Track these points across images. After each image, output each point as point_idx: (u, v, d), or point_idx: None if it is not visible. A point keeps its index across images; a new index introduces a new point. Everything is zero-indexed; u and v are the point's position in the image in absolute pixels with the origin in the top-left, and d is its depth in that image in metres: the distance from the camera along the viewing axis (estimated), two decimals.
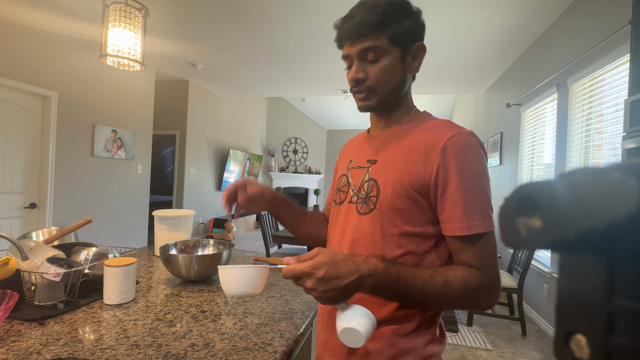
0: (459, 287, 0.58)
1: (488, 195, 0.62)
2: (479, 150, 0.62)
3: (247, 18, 3.17)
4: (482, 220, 0.60)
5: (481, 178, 0.61)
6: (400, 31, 0.63)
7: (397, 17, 0.63)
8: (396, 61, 0.65)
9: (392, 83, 0.66)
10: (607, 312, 0.16)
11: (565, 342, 0.18)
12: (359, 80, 0.65)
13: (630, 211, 0.14)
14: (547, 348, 2.51)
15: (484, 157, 0.63)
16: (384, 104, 0.69)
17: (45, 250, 1.01)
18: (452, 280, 0.59)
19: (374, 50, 0.64)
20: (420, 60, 0.68)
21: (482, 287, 0.60)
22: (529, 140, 3.38)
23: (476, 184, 0.60)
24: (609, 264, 0.16)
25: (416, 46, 0.66)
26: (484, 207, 0.60)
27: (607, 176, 0.15)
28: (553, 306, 0.26)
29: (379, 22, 0.62)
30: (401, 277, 0.57)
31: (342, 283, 0.54)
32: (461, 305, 0.63)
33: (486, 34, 3.26)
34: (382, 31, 0.63)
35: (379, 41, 0.63)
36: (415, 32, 0.66)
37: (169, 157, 6.90)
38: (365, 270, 0.56)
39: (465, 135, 0.62)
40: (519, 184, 0.18)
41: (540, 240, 0.17)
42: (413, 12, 0.66)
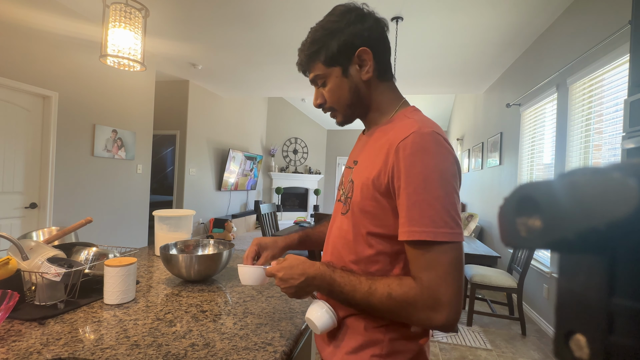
0: (383, 297, 0.58)
1: (442, 200, 0.56)
2: (436, 151, 0.58)
3: (247, 18, 3.17)
4: (424, 227, 0.55)
5: (433, 181, 0.56)
6: (331, 52, 0.67)
7: (324, 42, 0.67)
8: (339, 79, 0.69)
9: (344, 98, 0.70)
10: (607, 312, 0.16)
11: (565, 342, 0.18)
12: (319, 105, 0.74)
13: (630, 211, 0.14)
14: (547, 348, 2.52)
15: (445, 158, 0.58)
16: (349, 117, 0.74)
17: (45, 250, 1.01)
18: (377, 289, 0.59)
19: (318, 78, 0.71)
20: (369, 63, 0.68)
21: (413, 300, 0.57)
22: (529, 140, 3.38)
23: (424, 187, 0.56)
24: (609, 264, 0.16)
25: (358, 54, 0.67)
26: (434, 212, 0.55)
27: (607, 176, 0.15)
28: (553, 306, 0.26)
29: (309, 56, 0.70)
30: (335, 282, 0.63)
31: (295, 283, 0.66)
32: (395, 317, 0.60)
33: (486, 34, 3.26)
34: (315, 61, 0.70)
35: (317, 69, 0.70)
36: (352, 43, 0.67)
37: (169, 157, 6.91)
38: (311, 273, 0.65)
39: (420, 135, 0.59)
40: (519, 184, 0.18)
41: (540, 240, 0.17)
42: (343, 26, 0.67)
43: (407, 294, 0.57)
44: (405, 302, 0.57)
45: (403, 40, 3.45)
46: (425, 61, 4.06)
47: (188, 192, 5.46)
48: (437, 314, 0.55)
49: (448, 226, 0.55)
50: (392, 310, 0.59)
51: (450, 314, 0.55)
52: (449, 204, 0.56)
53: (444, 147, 0.59)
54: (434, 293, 0.55)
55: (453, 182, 0.57)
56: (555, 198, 0.16)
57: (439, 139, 0.59)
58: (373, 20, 0.68)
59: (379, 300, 0.59)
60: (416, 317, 0.57)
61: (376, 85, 0.71)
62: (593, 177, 0.15)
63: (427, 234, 0.55)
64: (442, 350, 2.42)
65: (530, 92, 3.31)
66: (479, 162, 4.96)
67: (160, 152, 6.87)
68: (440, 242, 0.55)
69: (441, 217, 0.55)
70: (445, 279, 0.55)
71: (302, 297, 0.69)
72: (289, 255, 0.70)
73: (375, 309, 0.60)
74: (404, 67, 4.25)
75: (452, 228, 0.55)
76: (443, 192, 0.56)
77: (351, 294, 0.61)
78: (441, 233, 0.55)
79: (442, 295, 0.55)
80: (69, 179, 3.22)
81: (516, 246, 0.18)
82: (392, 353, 0.63)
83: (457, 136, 6.81)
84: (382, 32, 0.69)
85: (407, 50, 3.72)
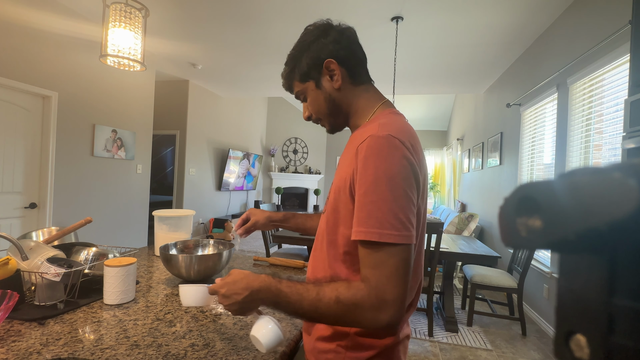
0: (331, 302, 0.59)
1: (390, 202, 0.57)
2: (388, 154, 0.59)
3: (247, 18, 3.17)
4: (370, 228, 0.57)
5: (381, 184, 0.57)
6: (303, 69, 0.74)
7: (296, 61, 0.75)
8: (314, 91, 0.75)
9: (322, 108, 0.76)
10: (607, 312, 0.16)
11: (565, 342, 0.18)
12: (307, 117, 0.79)
13: (630, 211, 0.14)
14: (547, 348, 2.52)
15: (397, 161, 0.58)
16: (334, 125, 0.79)
17: (45, 250, 1.01)
18: (325, 294, 0.59)
19: (299, 94, 0.78)
20: (337, 72, 0.72)
21: (360, 301, 0.57)
22: (529, 140, 3.38)
23: (374, 190, 0.58)
24: (609, 264, 0.16)
25: (325, 65, 0.71)
26: (380, 214, 0.57)
27: (607, 176, 0.15)
28: (553, 306, 0.26)
29: (286, 76, 0.78)
30: (281, 292, 0.62)
31: (239, 298, 0.64)
32: (343, 321, 0.60)
33: (486, 34, 3.26)
34: (292, 79, 0.77)
35: (296, 86, 0.77)
36: (318, 57, 0.71)
37: (169, 157, 6.91)
38: (255, 286, 0.64)
39: (375, 139, 0.60)
40: (519, 184, 0.18)
41: (540, 240, 0.17)
42: (309, 43, 0.73)
43: (355, 296, 0.58)
44: (353, 305, 0.58)
45: (403, 40, 3.45)
46: (425, 61, 4.06)
47: (188, 192, 5.46)
48: (381, 314, 0.56)
49: (394, 228, 0.56)
50: (340, 315, 0.59)
51: (394, 314, 0.56)
52: (397, 206, 0.57)
53: (398, 151, 0.59)
54: (380, 293, 0.57)
55: (404, 185, 0.58)
56: (555, 198, 0.16)
57: (393, 143, 0.59)
58: (336, 32, 0.72)
59: (327, 305, 0.59)
60: (363, 318, 0.58)
61: (351, 91, 0.74)
62: (593, 177, 0.15)
63: (372, 234, 0.57)
64: (442, 350, 2.42)
65: (531, 92, 3.31)
66: (479, 162, 4.96)
67: (160, 152, 6.87)
68: (386, 243, 0.56)
69: (387, 219, 0.57)
70: (391, 280, 0.57)
71: (247, 313, 0.67)
72: (233, 270, 0.69)
73: (323, 315, 0.60)
74: (404, 67, 4.25)
75: (398, 230, 0.57)
76: (391, 195, 0.57)
77: (299, 304, 0.60)
78: (386, 234, 0.56)
79: (388, 295, 0.56)
80: (69, 179, 3.22)
81: (516, 246, 0.18)
82: (356, 346, 0.65)
83: (457, 136, 6.81)
84: (347, 42, 0.73)
85: (407, 50, 3.72)
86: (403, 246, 0.57)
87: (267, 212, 1.03)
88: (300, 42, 0.75)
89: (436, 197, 8.10)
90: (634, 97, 1.33)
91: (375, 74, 4.55)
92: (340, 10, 2.94)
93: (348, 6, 2.88)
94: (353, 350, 0.65)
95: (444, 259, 2.79)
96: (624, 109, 1.40)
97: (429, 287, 2.63)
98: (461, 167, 6.29)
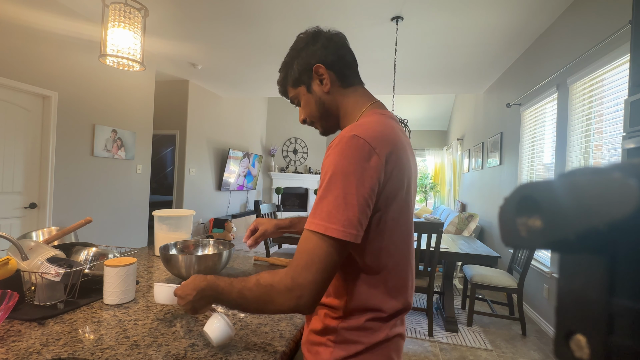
0: (252, 285, 0.64)
1: (336, 198, 0.59)
2: (348, 153, 0.60)
3: (247, 18, 3.17)
4: (311, 218, 0.60)
5: (337, 180, 0.59)
6: (294, 76, 0.77)
7: (288, 69, 0.79)
8: (306, 96, 0.78)
9: (314, 111, 0.79)
10: (607, 312, 0.16)
11: (565, 342, 0.18)
12: (303, 121, 0.82)
13: (630, 211, 0.14)
14: (547, 348, 2.52)
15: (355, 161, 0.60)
16: (327, 128, 0.82)
17: (45, 250, 1.01)
18: (249, 281, 0.65)
19: (294, 99, 0.81)
20: (326, 76, 0.75)
21: (276, 282, 0.61)
22: (529, 140, 3.38)
23: (328, 185, 0.60)
24: (609, 264, 0.16)
25: (314, 70, 0.75)
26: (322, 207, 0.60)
27: (607, 176, 0.15)
28: (553, 306, 0.26)
29: (281, 83, 0.82)
30: (219, 287, 0.68)
31: (190, 298, 0.71)
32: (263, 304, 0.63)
33: (486, 34, 3.26)
34: (286, 85, 0.81)
35: (289, 92, 0.81)
36: (308, 63, 0.75)
37: (169, 157, 6.90)
38: (202, 286, 0.70)
39: (340, 138, 0.62)
40: (519, 184, 0.18)
41: (540, 240, 0.17)
42: (299, 50, 0.76)
43: (273, 278, 0.62)
44: (270, 285, 0.61)
45: (403, 40, 3.45)
46: (425, 61, 4.06)
47: (188, 192, 5.46)
48: (292, 296, 0.59)
49: (329, 221, 0.59)
50: (258, 297, 0.62)
51: (305, 298, 0.59)
52: (343, 202, 0.59)
53: (357, 151, 0.60)
54: (295, 275, 0.59)
55: (357, 184, 0.59)
56: (555, 198, 0.16)
57: (355, 143, 0.61)
58: (325, 38, 0.76)
59: (249, 289, 0.63)
60: (277, 300, 0.60)
61: (340, 94, 0.77)
62: (593, 177, 0.15)
63: (315, 225, 0.60)
64: (442, 350, 2.42)
65: (531, 92, 3.31)
66: (479, 162, 4.96)
67: (160, 152, 6.87)
68: (319, 233, 0.59)
69: (330, 212, 0.59)
70: (310, 266, 0.59)
71: (199, 311, 0.73)
72: (193, 275, 0.75)
73: (248, 300, 0.64)
74: (404, 67, 4.25)
75: (332, 223, 0.58)
76: (342, 193, 0.59)
77: (231, 294, 0.66)
78: (322, 226, 0.59)
79: (302, 279, 0.59)
80: (69, 179, 3.22)
81: (516, 246, 0.18)
82: (344, 341, 0.67)
83: (457, 136, 6.81)
84: (335, 47, 0.76)
85: (407, 50, 3.72)
86: (329, 239, 0.58)
87: (273, 220, 1.04)
88: (291, 50, 0.78)
89: (436, 197, 8.10)
90: (634, 97, 1.33)
91: (375, 74, 4.56)
92: (341, 10, 2.94)
93: (348, 6, 2.88)
94: (341, 344, 0.66)
95: (444, 259, 2.79)
96: (624, 109, 1.40)
97: (429, 287, 2.63)
98: (461, 167, 6.29)
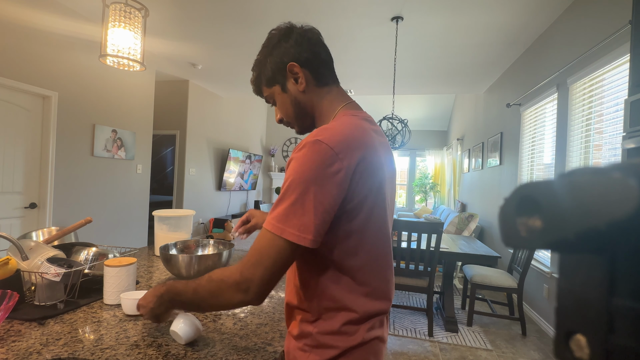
0: (205, 282, 0.65)
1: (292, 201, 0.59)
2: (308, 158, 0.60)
3: (247, 18, 3.17)
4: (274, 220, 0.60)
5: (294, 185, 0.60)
6: (268, 75, 0.75)
7: (261, 69, 0.76)
8: (281, 95, 0.76)
9: (290, 111, 0.77)
10: (607, 312, 0.16)
11: (565, 342, 0.18)
12: (279, 120, 0.80)
13: (630, 211, 0.14)
14: (547, 348, 2.52)
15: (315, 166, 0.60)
16: (302, 127, 0.80)
17: (45, 250, 1.01)
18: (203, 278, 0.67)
19: (269, 98, 0.79)
20: (300, 75, 0.73)
21: (226, 277, 0.63)
22: (529, 140, 3.38)
23: (286, 189, 0.61)
24: (609, 264, 0.16)
25: (288, 69, 0.73)
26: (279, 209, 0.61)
27: (607, 176, 0.15)
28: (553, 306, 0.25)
29: (254, 82, 0.80)
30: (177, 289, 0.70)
31: (150, 306, 0.73)
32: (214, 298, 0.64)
33: (486, 34, 3.26)
34: (259, 85, 0.79)
35: (264, 91, 0.79)
36: (281, 61, 0.73)
37: (169, 157, 6.90)
38: (161, 291, 0.72)
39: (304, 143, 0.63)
40: (519, 184, 0.18)
41: (540, 240, 0.17)
42: (271, 48, 0.74)
43: (224, 273, 0.64)
44: (220, 280, 0.63)
45: (403, 40, 3.45)
46: (425, 61, 4.06)
47: (188, 192, 5.46)
48: (240, 290, 0.61)
49: (284, 223, 0.59)
50: (210, 292, 0.64)
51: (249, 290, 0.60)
52: (301, 208, 0.59)
53: (319, 156, 0.60)
54: (245, 271, 0.61)
55: (315, 189, 0.59)
56: (555, 198, 0.16)
57: (318, 149, 0.60)
58: (298, 35, 0.73)
59: (202, 286, 0.65)
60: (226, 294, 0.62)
61: (316, 93, 0.75)
62: (593, 177, 0.15)
63: (267, 222, 0.61)
64: (442, 350, 2.42)
65: (531, 92, 3.31)
66: (479, 162, 4.96)
67: (160, 152, 6.87)
68: (274, 234, 0.60)
69: (287, 216, 0.59)
70: (258, 263, 0.60)
71: (160, 319, 0.75)
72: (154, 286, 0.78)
73: (201, 297, 0.66)
74: (404, 67, 4.25)
75: (288, 227, 0.59)
76: (298, 197, 0.59)
77: (188, 294, 0.68)
78: (277, 227, 0.59)
79: (250, 274, 0.60)
80: (69, 179, 3.22)
81: (516, 246, 0.18)
82: (319, 345, 0.66)
83: (457, 136, 6.81)
84: (309, 43, 0.73)
85: (407, 50, 3.72)
86: (283, 240, 0.59)
87: (266, 213, 1.06)
88: (264, 47, 0.76)
89: (436, 197, 8.10)
90: (634, 97, 1.33)
91: (375, 74, 4.56)
92: (341, 10, 2.94)
93: (348, 6, 2.88)
94: (317, 349, 0.66)
95: (444, 259, 2.79)
96: (624, 109, 1.40)
97: (429, 287, 2.63)
98: (461, 167, 6.29)
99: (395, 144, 3.49)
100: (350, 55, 3.95)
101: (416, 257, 2.63)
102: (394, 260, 2.67)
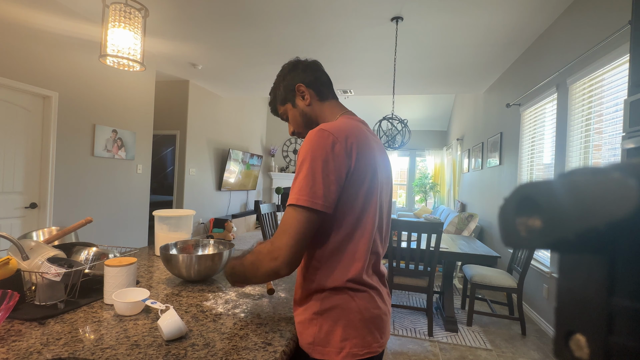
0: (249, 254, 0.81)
1: (307, 176, 0.72)
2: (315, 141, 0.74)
3: (247, 18, 3.17)
4: (290, 195, 0.73)
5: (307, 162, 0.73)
6: (281, 96, 0.95)
7: (276, 92, 0.96)
8: (292, 110, 0.95)
9: (300, 123, 0.95)
10: (607, 312, 0.16)
11: (565, 342, 0.18)
12: (292, 133, 0.98)
13: (630, 211, 0.14)
14: (547, 348, 2.52)
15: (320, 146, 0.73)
16: None
17: (45, 250, 1.01)
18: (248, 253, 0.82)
19: (283, 115, 0.98)
20: (306, 92, 0.91)
21: (263, 248, 0.76)
22: (529, 140, 3.38)
23: (299, 168, 0.75)
24: (609, 264, 0.16)
25: (296, 89, 0.92)
26: (297, 185, 0.73)
27: (607, 176, 0.15)
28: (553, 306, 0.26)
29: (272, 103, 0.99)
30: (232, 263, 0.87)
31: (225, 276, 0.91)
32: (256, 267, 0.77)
33: (486, 34, 3.26)
34: (275, 104, 0.98)
35: (279, 109, 0.98)
36: (291, 84, 0.92)
37: (169, 157, 6.90)
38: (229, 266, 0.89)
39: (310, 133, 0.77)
40: (519, 184, 0.18)
41: (540, 240, 0.17)
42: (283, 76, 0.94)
43: (261, 246, 0.78)
44: (258, 251, 0.77)
45: (403, 40, 3.45)
46: (425, 61, 4.06)
47: (188, 192, 5.46)
48: (272, 257, 0.73)
49: (300, 194, 0.72)
50: (253, 263, 0.78)
51: (279, 258, 0.72)
52: (311, 179, 0.72)
53: (323, 140, 0.74)
54: (275, 241, 0.73)
55: (322, 164, 0.73)
56: (555, 198, 0.16)
57: (320, 133, 0.75)
58: (304, 65, 0.94)
59: (247, 259, 0.81)
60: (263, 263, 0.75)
61: (319, 106, 0.93)
62: (593, 177, 0.15)
63: (291, 199, 0.73)
64: (442, 350, 2.43)
65: (530, 92, 3.31)
66: (479, 162, 4.96)
67: (160, 152, 6.86)
68: (295, 205, 0.72)
69: (301, 188, 0.72)
70: (285, 232, 0.72)
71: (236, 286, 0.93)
72: None
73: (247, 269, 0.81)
74: (404, 67, 4.25)
75: (305, 195, 0.71)
76: (309, 171, 0.73)
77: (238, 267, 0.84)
78: (294, 198, 0.72)
79: (279, 242, 0.72)
80: (69, 179, 3.22)
81: (516, 246, 0.18)
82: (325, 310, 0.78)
83: (457, 136, 6.81)
84: (312, 70, 0.93)
85: (407, 50, 3.72)
86: (305, 209, 0.72)
87: None
88: (278, 77, 0.96)
89: (436, 197, 8.10)
90: (634, 97, 1.33)
91: (375, 74, 4.57)
92: (341, 10, 2.94)
93: (348, 7, 2.87)
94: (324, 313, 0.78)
95: (443, 259, 2.79)
96: (623, 109, 1.40)
97: (429, 286, 2.63)
98: (461, 167, 6.29)
99: (395, 144, 3.49)
100: (350, 55, 3.95)
101: (416, 257, 2.63)
102: (394, 260, 2.67)
